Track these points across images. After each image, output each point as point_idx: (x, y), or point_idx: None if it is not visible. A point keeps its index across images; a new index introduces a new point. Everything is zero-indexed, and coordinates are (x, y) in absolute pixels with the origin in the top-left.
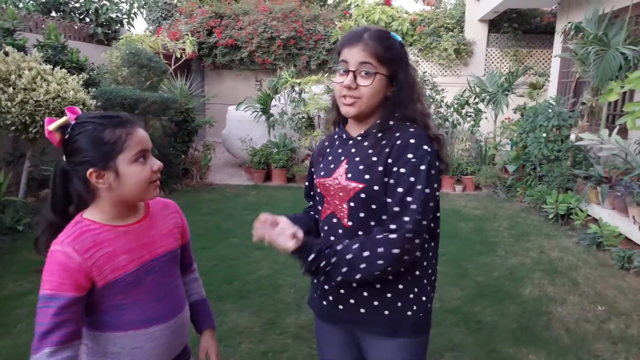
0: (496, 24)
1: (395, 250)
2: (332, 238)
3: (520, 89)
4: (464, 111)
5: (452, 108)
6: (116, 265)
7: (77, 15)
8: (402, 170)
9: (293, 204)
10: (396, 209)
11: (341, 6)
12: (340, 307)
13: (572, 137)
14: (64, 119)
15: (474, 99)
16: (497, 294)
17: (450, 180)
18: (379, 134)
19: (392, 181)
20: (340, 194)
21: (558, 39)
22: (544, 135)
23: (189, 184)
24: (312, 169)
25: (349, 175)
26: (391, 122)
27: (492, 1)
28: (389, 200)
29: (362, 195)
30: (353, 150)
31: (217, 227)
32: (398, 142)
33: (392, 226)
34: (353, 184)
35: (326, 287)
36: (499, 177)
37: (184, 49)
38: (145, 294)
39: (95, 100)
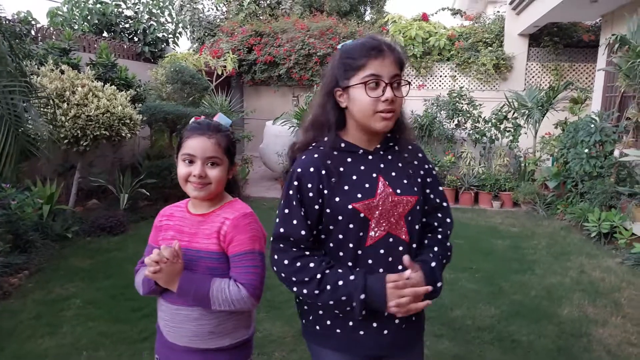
0: (537, 38)
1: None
2: (389, 259)
3: (561, 103)
4: (502, 126)
5: (490, 123)
6: (165, 236)
7: (127, 35)
8: (429, 179)
9: None
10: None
11: (378, 23)
12: (385, 332)
13: (616, 153)
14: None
15: (513, 114)
16: (533, 313)
17: (488, 196)
18: (396, 147)
19: (427, 190)
20: (397, 212)
21: (602, 53)
22: (586, 151)
23: None
24: (312, 197)
25: (398, 190)
26: (397, 136)
27: (532, 15)
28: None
29: (418, 207)
30: (382, 165)
31: None
32: (419, 154)
33: (439, 215)
34: (411, 198)
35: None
36: (539, 194)
37: (225, 66)
38: None
39: (142, 115)
